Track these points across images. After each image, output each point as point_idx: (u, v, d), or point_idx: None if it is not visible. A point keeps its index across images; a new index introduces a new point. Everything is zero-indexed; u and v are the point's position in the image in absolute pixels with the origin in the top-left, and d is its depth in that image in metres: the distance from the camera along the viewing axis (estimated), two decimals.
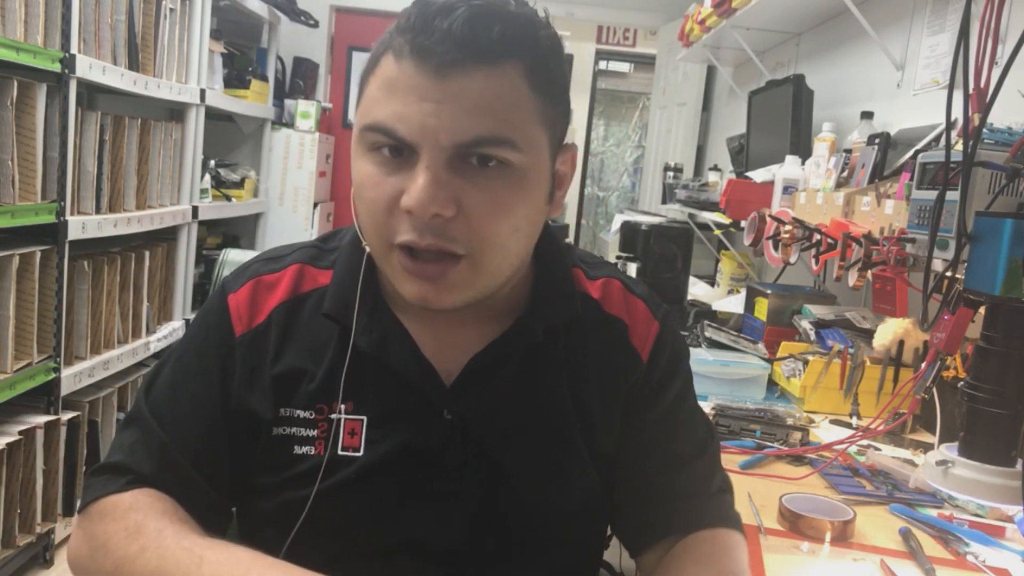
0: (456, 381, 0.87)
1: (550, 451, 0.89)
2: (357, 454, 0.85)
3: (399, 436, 0.85)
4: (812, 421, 1.72)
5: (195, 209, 3.42)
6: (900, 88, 2.29)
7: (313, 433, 0.85)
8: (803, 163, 2.39)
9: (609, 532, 1.02)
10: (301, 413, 0.86)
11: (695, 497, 0.94)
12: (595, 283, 0.96)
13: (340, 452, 0.85)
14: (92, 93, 2.98)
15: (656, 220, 3.11)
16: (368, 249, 0.84)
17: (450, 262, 0.78)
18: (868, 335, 1.84)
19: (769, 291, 2.14)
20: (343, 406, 0.85)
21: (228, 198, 3.93)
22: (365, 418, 0.85)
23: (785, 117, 2.68)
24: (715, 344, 2.03)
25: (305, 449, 0.85)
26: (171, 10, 3.09)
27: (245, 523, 0.94)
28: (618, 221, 3.50)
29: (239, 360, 0.87)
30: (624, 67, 7.91)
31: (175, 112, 3.47)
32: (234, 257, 1.22)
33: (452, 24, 0.74)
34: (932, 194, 1.17)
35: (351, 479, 0.84)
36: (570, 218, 7.24)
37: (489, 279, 0.82)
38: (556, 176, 0.85)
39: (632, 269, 2.70)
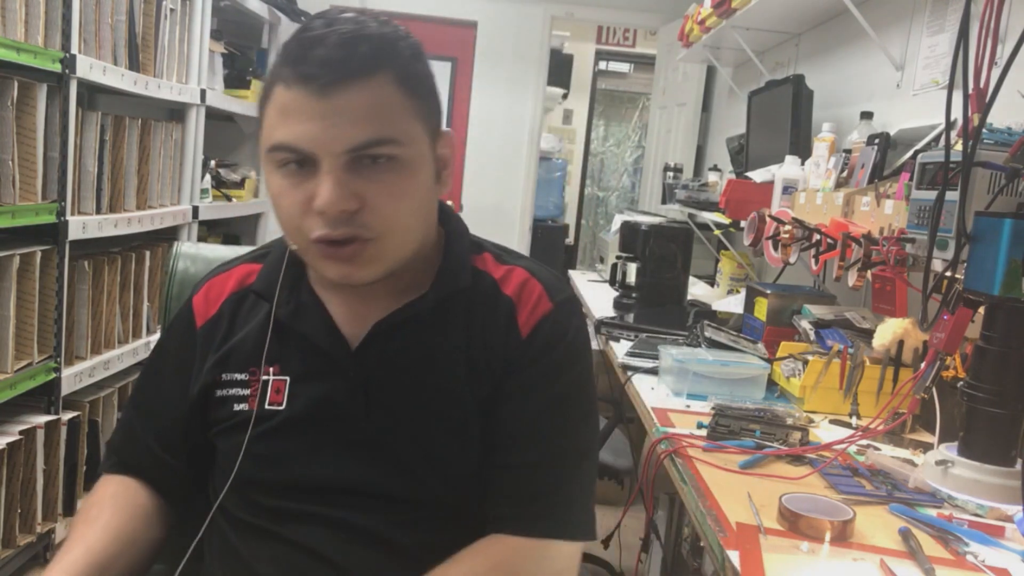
0: (360, 344, 1.02)
1: (443, 403, 1.01)
2: (280, 408, 1.02)
3: (314, 392, 1.02)
4: (812, 421, 1.72)
5: (195, 209, 3.42)
6: (900, 88, 2.30)
7: (247, 392, 1.04)
8: (803, 163, 2.38)
9: (608, 532, 1.06)
10: (238, 376, 1.05)
11: (533, 502, 1.00)
12: (501, 268, 1.07)
13: (267, 407, 1.02)
14: (92, 93, 2.98)
15: (656, 220, 3.11)
16: (293, 246, 0.99)
17: (361, 244, 0.93)
18: (868, 335, 1.84)
19: (769, 291, 2.14)
20: (271, 368, 1.03)
21: (228, 198, 3.92)
22: (288, 378, 1.03)
23: (785, 117, 2.67)
24: (715, 344, 2.03)
25: (241, 406, 1.03)
26: (171, 10, 3.09)
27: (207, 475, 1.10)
28: (618, 221, 3.49)
29: (199, 347, 1.07)
30: (624, 67, 7.91)
31: (175, 112, 3.47)
32: (187, 250, 1.37)
33: (326, 50, 0.89)
34: (932, 194, 1.17)
35: (274, 428, 1.02)
36: (570, 218, 7.22)
37: (397, 253, 0.96)
38: (440, 159, 1.00)
39: (632, 269, 2.70)
